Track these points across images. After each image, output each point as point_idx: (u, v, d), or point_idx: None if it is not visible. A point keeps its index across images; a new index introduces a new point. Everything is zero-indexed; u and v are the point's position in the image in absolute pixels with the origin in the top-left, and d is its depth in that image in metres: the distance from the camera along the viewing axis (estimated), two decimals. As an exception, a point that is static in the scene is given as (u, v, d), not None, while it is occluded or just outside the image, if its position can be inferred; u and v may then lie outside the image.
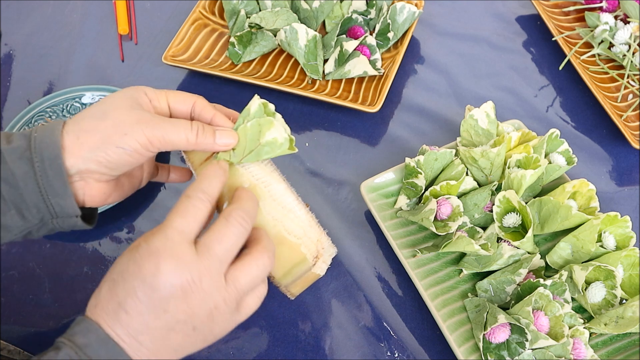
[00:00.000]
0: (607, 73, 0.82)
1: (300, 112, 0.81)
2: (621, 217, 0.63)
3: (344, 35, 0.84)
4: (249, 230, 0.47)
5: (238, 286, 0.46)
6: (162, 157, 0.77)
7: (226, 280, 0.45)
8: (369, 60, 0.81)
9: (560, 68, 0.84)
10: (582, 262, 0.62)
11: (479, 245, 0.61)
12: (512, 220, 0.63)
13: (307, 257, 0.53)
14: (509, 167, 0.66)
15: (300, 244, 0.53)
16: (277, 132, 0.51)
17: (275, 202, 0.53)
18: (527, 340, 0.56)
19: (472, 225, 0.66)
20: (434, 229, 0.63)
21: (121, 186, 0.53)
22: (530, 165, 0.65)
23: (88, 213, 0.53)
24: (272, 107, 0.53)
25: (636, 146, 0.73)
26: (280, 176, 0.55)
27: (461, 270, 0.64)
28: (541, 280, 0.59)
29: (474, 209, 0.66)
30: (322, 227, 0.59)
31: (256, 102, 0.52)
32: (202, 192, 0.47)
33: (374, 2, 0.85)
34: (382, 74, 0.81)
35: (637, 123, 0.77)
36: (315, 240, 0.55)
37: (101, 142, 0.48)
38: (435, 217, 0.65)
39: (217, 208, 0.52)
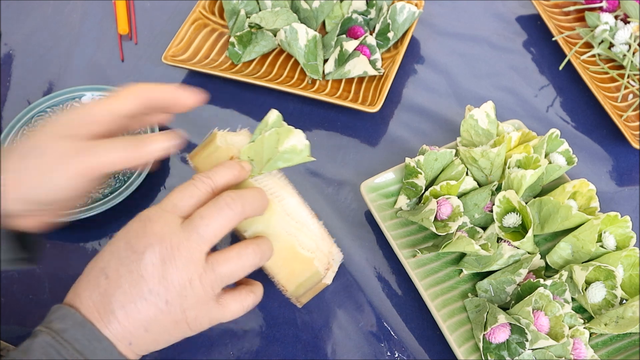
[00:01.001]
0: (607, 73, 0.82)
1: (300, 112, 0.81)
2: (621, 217, 0.63)
3: (344, 35, 0.84)
4: (239, 214, 0.46)
5: (216, 269, 0.45)
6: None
7: (206, 261, 0.45)
8: (369, 60, 0.81)
9: (560, 68, 0.84)
10: (582, 262, 0.62)
11: (479, 246, 0.61)
12: (512, 220, 0.63)
13: (320, 270, 0.53)
14: (509, 167, 0.66)
15: (314, 257, 0.53)
16: (296, 139, 0.51)
17: (289, 216, 0.52)
18: (527, 340, 0.56)
19: (472, 225, 0.66)
20: (434, 229, 0.63)
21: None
22: (530, 165, 0.65)
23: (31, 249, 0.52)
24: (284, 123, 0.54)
25: (636, 146, 0.73)
26: (293, 189, 0.55)
27: (461, 270, 0.64)
28: (541, 280, 0.59)
29: (474, 209, 0.66)
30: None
31: (274, 113, 0.53)
32: (205, 177, 0.48)
33: (374, 2, 0.85)
34: (382, 74, 0.81)
35: (637, 123, 0.77)
36: (327, 253, 0.55)
37: (33, 186, 0.47)
38: (435, 217, 0.65)
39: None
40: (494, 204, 0.63)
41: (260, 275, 0.53)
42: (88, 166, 0.47)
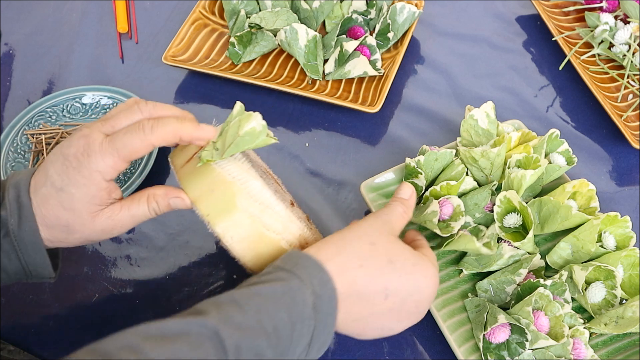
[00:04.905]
0: (607, 73, 0.82)
1: (300, 112, 0.81)
2: (621, 217, 0.63)
3: (344, 36, 0.84)
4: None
5: None
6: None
7: None
8: (369, 60, 0.81)
9: (560, 68, 0.84)
10: (582, 262, 0.62)
11: (482, 244, 0.60)
12: (512, 220, 0.63)
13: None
14: (509, 167, 0.66)
15: (281, 239, 0.53)
16: (254, 122, 0.52)
17: (252, 198, 0.53)
18: (527, 340, 0.56)
19: (475, 224, 0.66)
20: (438, 232, 0.62)
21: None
22: (530, 165, 0.65)
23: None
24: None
25: (636, 146, 0.73)
26: (256, 173, 0.55)
27: (461, 271, 0.64)
28: (541, 281, 0.59)
29: (475, 208, 0.66)
30: (322, 225, 0.59)
31: (238, 104, 0.54)
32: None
33: (374, 2, 0.85)
34: (382, 74, 0.81)
35: (637, 123, 0.77)
36: (297, 235, 0.54)
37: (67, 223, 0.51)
38: (438, 218, 0.65)
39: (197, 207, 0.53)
40: (494, 204, 0.63)
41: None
42: (120, 156, 0.50)
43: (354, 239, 0.50)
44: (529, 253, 0.63)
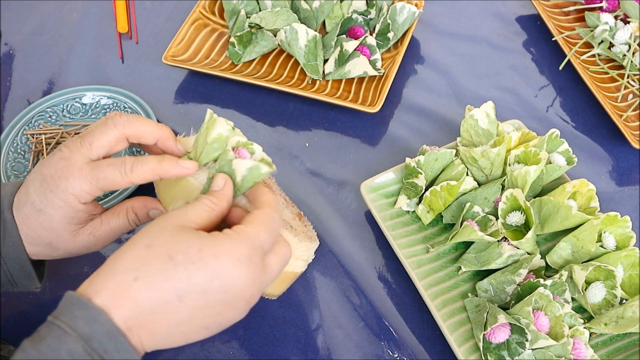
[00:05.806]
0: (607, 73, 0.82)
1: (300, 112, 0.81)
2: (621, 217, 0.63)
3: (344, 36, 0.84)
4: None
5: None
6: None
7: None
8: (369, 60, 0.81)
9: (560, 68, 0.84)
10: (582, 262, 0.62)
11: (487, 235, 0.60)
12: (515, 218, 0.63)
13: None
14: (509, 165, 0.66)
15: None
16: (220, 127, 0.51)
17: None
18: (527, 340, 0.56)
19: (485, 214, 0.66)
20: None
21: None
22: (530, 160, 0.65)
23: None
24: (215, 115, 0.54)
25: (636, 146, 0.73)
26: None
27: (460, 268, 0.64)
28: (541, 280, 0.59)
29: (484, 203, 0.66)
30: (322, 225, 0.58)
31: (208, 112, 0.53)
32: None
33: (374, 2, 0.85)
34: (382, 74, 0.81)
35: (637, 123, 0.77)
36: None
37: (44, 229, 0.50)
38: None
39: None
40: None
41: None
42: (97, 182, 0.50)
43: (127, 250, 0.43)
44: (528, 253, 0.63)
